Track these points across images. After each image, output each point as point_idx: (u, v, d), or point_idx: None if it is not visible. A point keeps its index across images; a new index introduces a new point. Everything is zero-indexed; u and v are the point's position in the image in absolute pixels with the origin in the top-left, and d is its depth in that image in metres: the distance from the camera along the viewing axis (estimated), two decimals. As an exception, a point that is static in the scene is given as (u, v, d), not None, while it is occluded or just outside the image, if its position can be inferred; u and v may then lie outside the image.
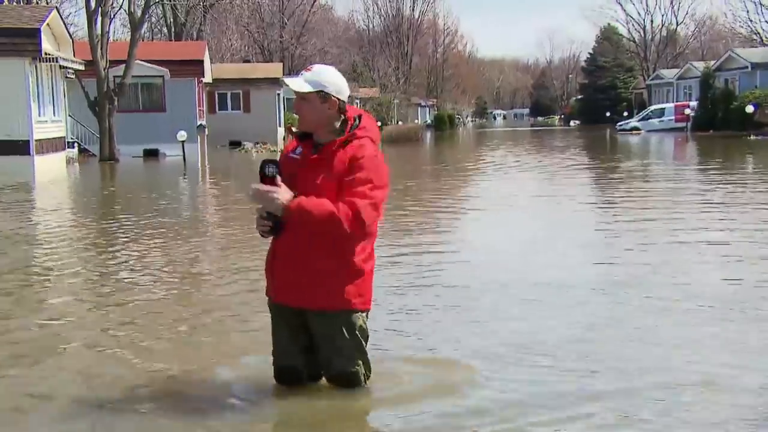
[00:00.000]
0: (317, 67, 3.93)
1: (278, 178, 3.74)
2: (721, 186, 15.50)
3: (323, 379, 4.10)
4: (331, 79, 3.86)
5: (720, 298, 6.17)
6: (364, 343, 3.99)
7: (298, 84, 3.82)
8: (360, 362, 4.01)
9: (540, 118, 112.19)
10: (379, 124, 42.61)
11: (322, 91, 3.82)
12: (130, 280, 7.51)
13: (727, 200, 13.18)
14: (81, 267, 8.22)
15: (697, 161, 24.37)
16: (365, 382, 4.04)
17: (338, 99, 3.85)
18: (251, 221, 4.14)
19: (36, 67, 21.52)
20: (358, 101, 49.63)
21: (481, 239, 9.76)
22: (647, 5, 77.08)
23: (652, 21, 77.04)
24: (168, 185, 19.52)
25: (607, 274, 7.31)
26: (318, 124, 3.87)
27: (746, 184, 16.24)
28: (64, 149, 24.96)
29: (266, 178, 3.74)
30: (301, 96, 3.84)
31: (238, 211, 12.54)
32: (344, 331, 3.91)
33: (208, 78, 34.40)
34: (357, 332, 3.94)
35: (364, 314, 3.99)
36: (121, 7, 33.48)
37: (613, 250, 8.70)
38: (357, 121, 3.91)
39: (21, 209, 13.91)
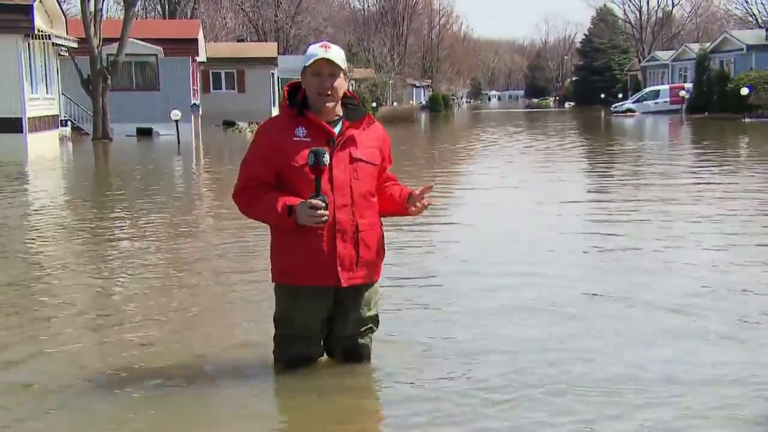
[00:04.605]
0: (335, 46, 3.91)
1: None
2: (712, 168, 15.53)
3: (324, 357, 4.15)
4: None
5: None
6: None
7: (341, 58, 3.82)
8: (371, 336, 4.14)
9: (535, 100, 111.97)
10: (374, 104, 41.96)
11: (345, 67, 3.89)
12: (125, 260, 7.50)
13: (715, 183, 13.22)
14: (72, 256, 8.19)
15: (689, 144, 24.38)
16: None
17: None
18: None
19: (29, 44, 21.36)
20: (352, 81, 49.43)
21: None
22: (643, -14, 76.82)
23: (647, 2, 76.95)
24: (162, 165, 19.46)
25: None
26: (340, 99, 3.91)
27: (737, 167, 16.26)
28: (56, 127, 24.82)
29: (321, 167, 3.67)
30: (332, 72, 3.80)
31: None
32: (376, 299, 4.09)
33: (202, 57, 34.19)
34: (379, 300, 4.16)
35: None
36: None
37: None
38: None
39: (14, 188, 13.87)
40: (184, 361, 4.37)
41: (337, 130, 3.86)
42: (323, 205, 3.69)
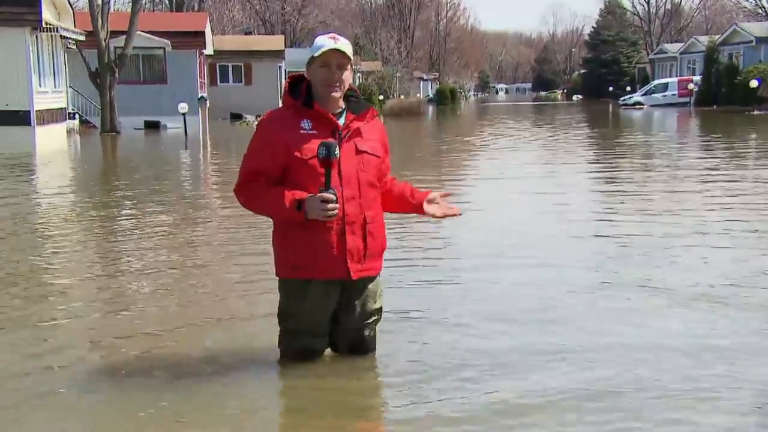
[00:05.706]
0: (343, 38, 3.86)
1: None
2: (720, 160, 15.49)
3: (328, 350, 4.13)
4: None
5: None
6: None
7: (350, 50, 3.79)
8: (375, 327, 4.13)
9: (543, 93, 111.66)
10: (381, 97, 41.62)
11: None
12: (132, 252, 7.53)
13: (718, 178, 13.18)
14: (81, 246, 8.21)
15: (697, 136, 24.30)
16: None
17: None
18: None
19: (36, 37, 21.41)
20: (360, 74, 49.37)
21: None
22: (652, -21, 76.56)
23: (656, -6, 76.54)
24: (170, 157, 19.49)
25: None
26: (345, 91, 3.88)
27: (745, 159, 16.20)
28: (65, 120, 24.89)
29: (332, 160, 3.64)
30: (341, 64, 3.77)
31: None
32: (381, 291, 4.08)
33: (209, 50, 34.21)
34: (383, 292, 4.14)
35: None
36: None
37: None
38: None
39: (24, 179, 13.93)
40: (187, 353, 4.37)
41: (341, 122, 3.84)
42: (334, 198, 3.66)
